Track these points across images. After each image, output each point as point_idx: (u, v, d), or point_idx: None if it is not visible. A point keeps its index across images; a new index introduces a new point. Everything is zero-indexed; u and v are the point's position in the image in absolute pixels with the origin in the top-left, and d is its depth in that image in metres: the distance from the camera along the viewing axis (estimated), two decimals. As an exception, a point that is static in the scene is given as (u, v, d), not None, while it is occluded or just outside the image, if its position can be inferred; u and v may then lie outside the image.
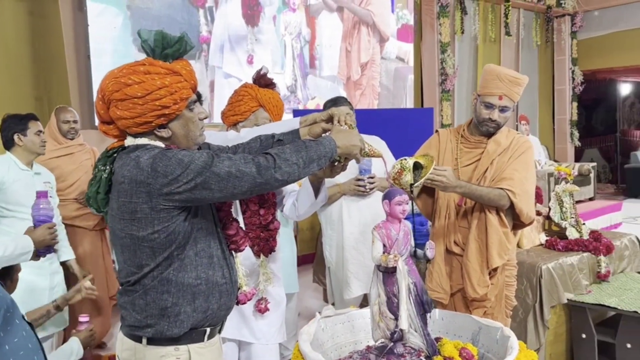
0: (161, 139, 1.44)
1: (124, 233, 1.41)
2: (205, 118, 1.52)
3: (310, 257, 4.68)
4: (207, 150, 1.46)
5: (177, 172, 1.33)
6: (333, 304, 3.21)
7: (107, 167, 1.44)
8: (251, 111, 2.17)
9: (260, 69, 2.23)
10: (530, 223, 2.31)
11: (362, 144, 1.62)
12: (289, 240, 3.20)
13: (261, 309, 2.06)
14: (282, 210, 2.10)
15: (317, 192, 1.93)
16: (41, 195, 2.19)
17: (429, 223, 2.59)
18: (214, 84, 5.28)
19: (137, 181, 1.35)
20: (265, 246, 2.07)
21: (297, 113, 4.67)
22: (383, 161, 1.80)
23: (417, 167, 1.88)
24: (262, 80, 2.19)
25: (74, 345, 2.12)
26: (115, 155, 1.46)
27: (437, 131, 2.43)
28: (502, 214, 2.22)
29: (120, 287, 1.50)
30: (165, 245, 1.40)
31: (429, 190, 2.38)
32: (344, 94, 6.09)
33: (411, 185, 1.85)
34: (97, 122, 1.51)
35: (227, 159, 1.38)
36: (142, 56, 1.45)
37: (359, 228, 2.95)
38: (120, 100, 1.37)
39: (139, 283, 1.44)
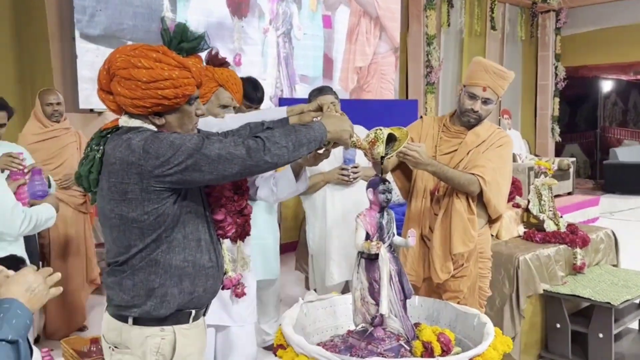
0: (154, 124, 1.45)
1: (114, 213, 1.43)
2: (202, 115, 1.54)
3: (293, 245, 4.71)
4: (198, 133, 1.48)
5: (169, 154, 1.35)
6: (315, 291, 3.26)
7: (101, 147, 1.45)
8: (211, 92, 2.13)
9: (211, 50, 2.22)
10: (498, 218, 2.33)
11: (352, 130, 1.64)
12: (271, 227, 3.23)
13: (238, 293, 2.07)
14: (253, 195, 2.10)
15: (297, 178, 1.95)
16: (35, 172, 2.27)
17: None
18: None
19: (128, 162, 1.37)
20: (242, 231, 2.09)
21: (283, 101, 4.67)
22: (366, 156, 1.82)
23: (391, 139, 1.84)
24: (216, 60, 2.17)
25: None
26: (108, 135, 1.47)
27: (421, 117, 2.47)
28: (470, 201, 2.24)
29: (107, 267, 1.52)
30: (154, 227, 1.42)
31: (406, 171, 2.40)
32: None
33: (382, 157, 1.81)
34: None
35: (218, 141, 1.40)
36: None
37: (342, 216, 2.99)
38: (124, 78, 1.38)
39: (127, 263, 1.46)
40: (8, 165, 2.37)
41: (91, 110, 4.51)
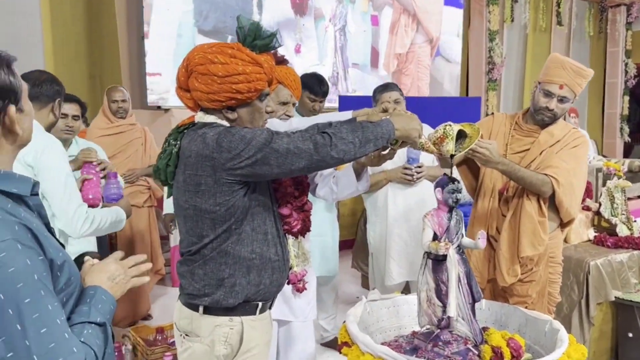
0: (227, 119, 1.50)
1: (188, 204, 1.48)
2: (272, 112, 1.57)
3: (350, 242, 4.70)
4: (268, 128, 1.51)
5: (240, 148, 1.39)
6: (374, 289, 3.23)
7: (178, 142, 1.51)
8: (271, 89, 2.17)
9: None
10: (570, 222, 2.23)
11: (421, 129, 1.62)
12: (330, 225, 3.23)
13: (299, 288, 2.08)
14: (312, 193, 2.10)
15: (358, 178, 1.93)
16: (111, 175, 2.29)
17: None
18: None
19: (202, 155, 1.42)
20: (303, 227, 2.09)
21: (342, 99, 4.67)
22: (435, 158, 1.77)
23: (461, 136, 1.76)
24: (275, 58, 2.19)
25: None
26: (185, 131, 1.53)
27: (492, 113, 2.39)
28: (542, 203, 2.15)
29: (180, 257, 1.58)
30: (225, 218, 1.47)
31: (473, 167, 2.33)
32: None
33: (452, 155, 1.74)
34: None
35: (286, 136, 1.43)
36: (202, 39, 1.51)
37: (403, 215, 2.95)
38: (201, 74, 1.44)
39: (199, 253, 1.51)
40: (86, 157, 2.38)
41: (158, 107, 4.66)
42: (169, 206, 3.69)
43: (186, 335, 1.57)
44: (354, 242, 4.57)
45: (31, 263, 0.93)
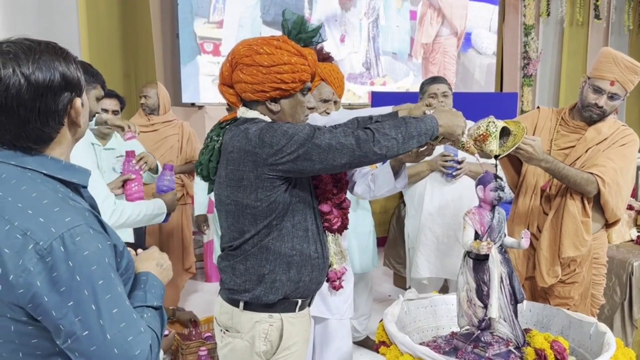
0: (270, 112, 1.50)
1: (230, 199, 1.49)
2: (312, 109, 1.57)
3: (382, 240, 4.66)
4: (309, 124, 1.50)
5: (282, 143, 1.39)
6: (409, 287, 3.20)
7: (220, 138, 1.52)
8: (314, 86, 2.15)
9: (316, 45, 2.22)
10: (615, 222, 2.15)
11: (465, 126, 1.58)
12: (369, 222, 3.22)
13: (336, 286, 2.07)
14: (350, 190, 2.08)
15: (396, 176, 1.91)
16: (167, 167, 2.32)
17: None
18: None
19: (245, 150, 1.42)
20: (341, 224, 2.08)
21: (375, 95, 4.64)
22: (476, 158, 1.74)
23: (503, 132, 1.68)
24: (320, 55, 2.18)
25: None
26: (227, 127, 1.53)
27: (538, 107, 2.32)
28: (586, 203, 2.08)
29: (222, 252, 1.59)
30: (266, 214, 1.47)
31: (516, 162, 2.26)
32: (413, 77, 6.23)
33: (496, 157, 1.68)
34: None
35: (328, 131, 1.42)
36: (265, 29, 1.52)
37: (438, 210, 2.90)
38: (246, 65, 1.45)
39: (240, 248, 1.51)
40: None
41: (192, 104, 4.70)
42: (200, 207, 3.72)
43: (226, 330, 1.58)
44: (385, 239, 4.54)
45: (102, 247, 0.97)
